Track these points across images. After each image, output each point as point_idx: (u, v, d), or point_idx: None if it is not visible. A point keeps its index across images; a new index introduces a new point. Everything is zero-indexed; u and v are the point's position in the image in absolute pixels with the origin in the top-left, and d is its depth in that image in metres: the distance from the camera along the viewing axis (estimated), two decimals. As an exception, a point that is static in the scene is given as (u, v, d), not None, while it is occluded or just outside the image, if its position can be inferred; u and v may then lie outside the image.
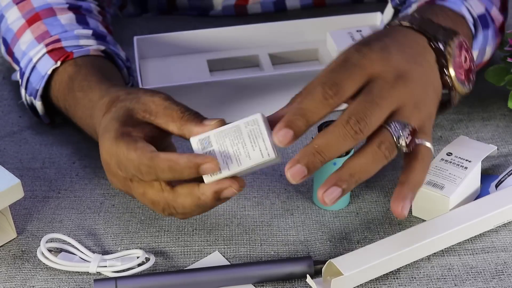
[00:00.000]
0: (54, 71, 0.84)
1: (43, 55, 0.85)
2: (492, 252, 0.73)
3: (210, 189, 0.67)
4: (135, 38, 0.94)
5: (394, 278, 0.71)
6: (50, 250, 0.73)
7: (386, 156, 0.66)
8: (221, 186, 0.67)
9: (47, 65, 0.84)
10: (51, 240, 0.74)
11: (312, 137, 0.80)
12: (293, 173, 0.64)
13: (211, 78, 0.91)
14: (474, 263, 0.72)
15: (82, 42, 0.86)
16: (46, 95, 0.86)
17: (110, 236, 0.76)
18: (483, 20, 0.81)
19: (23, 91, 0.87)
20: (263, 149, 0.66)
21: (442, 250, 0.73)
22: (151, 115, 0.70)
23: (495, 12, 0.83)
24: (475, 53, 0.82)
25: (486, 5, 0.82)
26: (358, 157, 0.65)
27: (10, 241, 0.75)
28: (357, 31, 0.95)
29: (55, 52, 0.85)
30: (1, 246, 0.75)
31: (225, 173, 0.67)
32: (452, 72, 0.72)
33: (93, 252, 0.74)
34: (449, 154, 0.78)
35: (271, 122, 0.67)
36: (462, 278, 0.71)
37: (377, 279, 0.70)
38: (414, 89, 0.68)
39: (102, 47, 0.86)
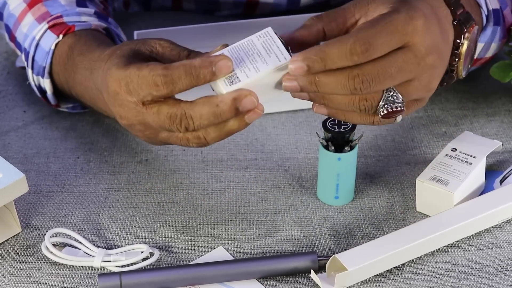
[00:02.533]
0: (56, 45, 0.84)
1: (45, 31, 0.85)
2: (497, 248, 0.73)
3: (229, 96, 0.65)
4: (135, 32, 0.94)
5: (398, 274, 0.71)
6: (54, 245, 0.73)
7: (358, 107, 0.67)
8: (240, 93, 0.65)
9: (50, 40, 0.84)
10: (56, 235, 0.74)
11: (316, 133, 0.80)
12: (287, 85, 0.66)
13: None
14: (479, 258, 0.72)
15: (84, 18, 0.85)
16: (52, 74, 0.86)
17: (115, 230, 0.76)
18: (496, 16, 0.81)
19: (29, 71, 0.87)
20: (278, 54, 0.66)
21: (446, 246, 0.73)
22: (157, 55, 0.69)
23: (508, 12, 0.83)
24: (480, 46, 0.82)
25: (501, 3, 0.82)
26: (337, 80, 0.65)
27: (14, 235, 0.75)
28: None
29: (57, 27, 0.84)
30: (6, 240, 0.75)
31: (244, 80, 0.65)
32: (462, 57, 0.72)
33: (98, 246, 0.74)
34: (453, 149, 0.78)
35: (286, 41, 0.67)
36: (466, 274, 0.71)
37: (381, 274, 0.70)
38: (435, 70, 0.68)
39: (104, 25, 0.86)
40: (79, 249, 0.73)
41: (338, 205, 0.78)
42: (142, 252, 0.72)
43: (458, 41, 0.72)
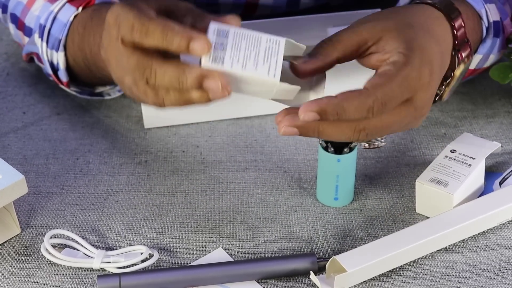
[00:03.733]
0: (74, 18, 0.84)
1: (64, 4, 0.84)
2: (496, 249, 0.73)
3: (198, 71, 0.64)
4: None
5: (398, 275, 0.71)
6: (54, 246, 0.73)
7: (346, 140, 0.68)
8: (210, 74, 0.64)
9: (69, 13, 0.84)
10: (55, 236, 0.74)
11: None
12: (286, 131, 0.65)
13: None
14: (478, 260, 0.72)
15: None
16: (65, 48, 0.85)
17: (114, 232, 0.76)
18: (496, 28, 0.82)
19: (44, 46, 0.86)
20: (271, 68, 0.65)
21: (446, 247, 0.73)
22: (172, 7, 0.69)
23: (508, 22, 0.83)
24: (478, 58, 0.82)
25: (501, 14, 0.82)
26: (342, 131, 0.66)
27: (14, 236, 0.75)
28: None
29: (76, 1, 0.84)
30: (5, 242, 0.75)
31: (226, 67, 0.64)
32: (451, 85, 0.74)
33: (97, 248, 0.74)
34: (453, 151, 0.78)
35: (300, 70, 0.67)
36: (466, 275, 0.71)
37: (380, 276, 0.70)
38: (425, 115, 0.70)
39: None
40: (78, 250, 0.73)
41: (337, 206, 0.78)
42: (141, 254, 0.72)
43: (451, 70, 0.73)
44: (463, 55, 0.74)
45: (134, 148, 0.86)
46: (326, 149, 0.75)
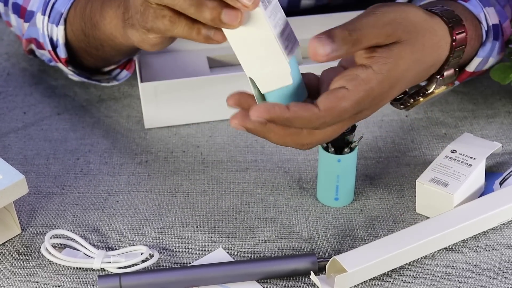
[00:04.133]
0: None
1: None
2: (496, 249, 0.73)
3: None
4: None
5: (398, 275, 0.71)
6: (54, 246, 0.73)
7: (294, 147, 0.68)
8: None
9: None
10: (55, 236, 0.75)
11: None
12: (236, 127, 0.65)
13: (211, 74, 0.91)
14: (478, 260, 0.72)
15: None
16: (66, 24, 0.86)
17: (114, 232, 0.76)
18: (495, 31, 0.82)
19: (45, 20, 0.86)
20: (288, 48, 0.65)
21: (446, 248, 0.73)
22: None
23: (507, 25, 0.84)
24: (477, 61, 0.82)
25: (500, 17, 0.82)
26: (278, 134, 0.66)
27: (14, 237, 0.75)
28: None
29: None
30: (6, 242, 0.75)
31: (267, 14, 0.63)
32: (444, 77, 0.74)
33: (97, 248, 0.74)
34: (453, 151, 0.78)
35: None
36: (466, 276, 0.71)
37: (381, 276, 0.70)
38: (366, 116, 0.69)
39: None
40: (78, 250, 0.73)
41: (338, 206, 0.78)
42: (141, 254, 0.72)
43: (427, 89, 0.74)
44: (441, 73, 0.73)
45: (135, 148, 0.86)
46: (326, 149, 0.75)
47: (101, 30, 0.81)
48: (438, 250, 0.73)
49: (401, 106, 0.75)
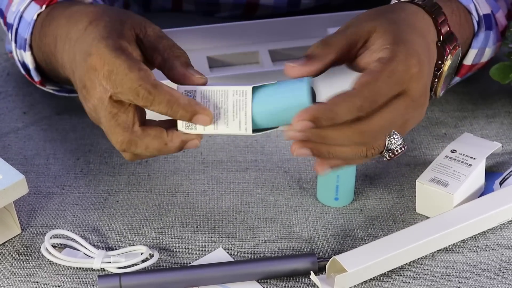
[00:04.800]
0: (38, 16, 0.83)
1: (29, 2, 0.84)
2: (496, 249, 0.73)
3: (179, 137, 0.68)
4: (136, 34, 0.94)
5: (398, 275, 0.71)
6: (54, 246, 0.73)
7: (365, 158, 0.68)
8: (188, 137, 0.68)
9: (33, 11, 0.83)
10: (55, 236, 0.74)
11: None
12: (299, 153, 0.66)
13: (211, 74, 0.91)
14: (478, 260, 0.72)
15: None
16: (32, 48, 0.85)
17: (114, 232, 0.76)
18: (488, 20, 0.82)
19: (13, 46, 0.86)
20: (242, 122, 0.67)
21: (446, 247, 0.73)
22: (143, 38, 0.71)
23: (500, 16, 0.84)
24: (473, 52, 0.82)
25: (492, 7, 0.82)
26: (342, 145, 0.66)
27: (14, 237, 0.75)
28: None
29: None
30: (6, 242, 0.75)
31: (199, 131, 0.68)
32: (442, 78, 0.74)
33: (97, 248, 0.74)
34: (453, 151, 0.78)
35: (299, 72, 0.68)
36: (466, 275, 0.71)
37: (381, 276, 0.70)
38: (425, 104, 0.70)
39: (90, 0, 0.84)
40: (78, 250, 0.73)
41: (338, 206, 0.78)
42: (141, 254, 0.72)
43: (440, 62, 0.73)
44: (450, 47, 0.74)
45: (135, 148, 0.86)
46: (326, 149, 0.75)
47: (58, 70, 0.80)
48: (438, 250, 0.73)
49: (432, 94, 0.75)
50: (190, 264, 0.72)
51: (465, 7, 0.80)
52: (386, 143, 0.69)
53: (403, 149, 0.69)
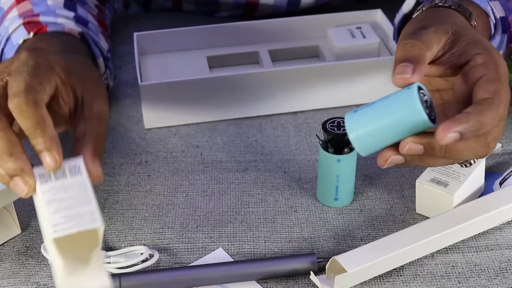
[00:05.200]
0: (24, 42, 0.84)
1: (19, 26, 0.85)
2: (496, 249, 0.73)
3: (17, 166, 0.65)
4: (135, 34, 0.94)
5: (398, 275, 0.71)
6: (54, 246, 0.73)
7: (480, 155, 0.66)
8: (25, 173, 0.65)
9: (20, 36, 0.84)
10: (55, 236, 0.74)
11: (316, 134, 0.80)
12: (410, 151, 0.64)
13: (210, 75, 0.91)
14: (478, 260, 0.72)
15: (60, 20, 0.85)
16: None
17: (114, 232, 0.76)
18: (503, 24, 0.82)
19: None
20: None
21: (446, 248, 0.73)
22: (86, 101, 0.70)
23: None
24: None
25: (505, 10, 0.83)
26: (470, 147, 0.65)
27: (14, 237, 0.75)
28: (357, 28, 0.95)
29: (31, 24, 0.84)
30: (5, 242, 0.75)
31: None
32: None
33: (97, 248, 0.74)
34: (453, 151, 0.78)
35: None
36: (466, 276, 0.71)
37: (380, 276, 0.70)
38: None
39: (80, 30, 0.86)
40: (78, 250, 0.73)
41: (337, 206, 0.78)
42: (141, 254, 0.72)
43: None
44: None
45: (134, 148, 0.86)
46: (326, 149, 0.75)
47: None
48: (438, 250, 0.73)
49: None
50: (190, 264, 0.72)
51: (483, 9, 0.80)
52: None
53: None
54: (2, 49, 0.86)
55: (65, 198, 0.61)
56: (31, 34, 0.83)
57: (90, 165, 0.66)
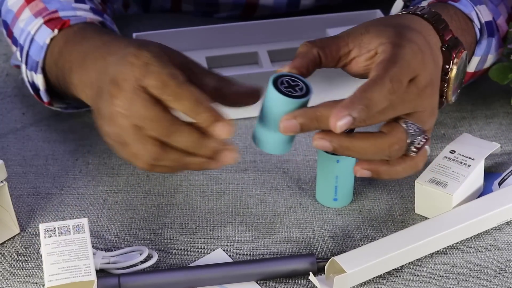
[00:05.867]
0: (51, 40, 0.84)
1: (40, 25, 0.85)
2: (495, 250, 0.73)
3: (216, 142, 0.66)
4: (134, 34, 0.94)
5: (397, 276, 0.71)
6: (53, 247, 0.73)
7: (391, 155, 0.68)
8: (227, 147, 0.66)
9: (45, 35, 0.84)
10: (54, 237, 0.74)
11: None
12: (318, 144, 0.67)
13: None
14: (477, 261, 0.72)
15: (79, 13, 0.85)
16: (45, 70, 0.85)
17: (113, 233, 0.76)
18: (489, 27, 0.82)
19: (23, 67, 0.86)
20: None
21: (445, 248, 0.73)
22: (191, 64, 0.70)
23: (501, 21, 0.84)
24: (476, 59, 0.82)
25: (493, 14, 0.83)
26: (364, 141, 0.66)
27: (13, 237, 0.75)
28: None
29: (52, 22, 0.84)
30: (4, 242, 0.75)
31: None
32: (451, 82, 0.74)
33: (96, 248, 0.74)
34: (452, 151, 0.78)
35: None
36: (465, 276, 0.71)
37: (379, 276, 0.70)
38: (435, 96, 0.70)
39: (99, 19, 0.86)
40: (77, 251, 0.73)
41: (336, 207, 0.78)
42: (140, 254, 0.72)
43: (447, 66, 0.73)
44: (456, 51, 0.74)
45: (134, 149, 0.86)
46: (325, 149, 0.75)
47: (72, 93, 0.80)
48: (437, 251, 0.73)
49: (443, 99, 0.75)
50: (189, 265, 0.72)
51: (466, 15, 0.80)
52: (407, 135, 0.67)
53: (426, 138, 0.68)
54: (27, 52, 0.86)
55: (64, 252, 0.67)
56: (56, 31, 0.83)
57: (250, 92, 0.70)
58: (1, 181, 0.73)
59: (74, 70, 0.77)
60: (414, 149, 0.68)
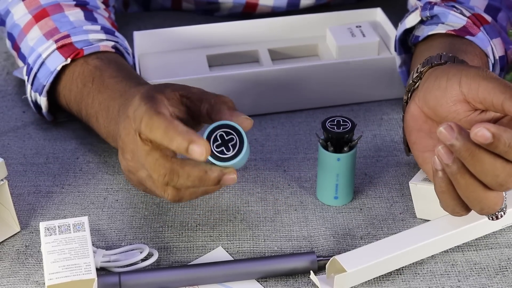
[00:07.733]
0: (63, 68, 0.84)
1: (53, 51, 0.85)
2: (496, 248, 0.73)
3: (219, 170, 0.68)
4: (135, 33, 0.94)
5: (398, 274, 0.71)
6: (53, 245, 0.73)
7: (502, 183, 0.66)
8: (227, 170, 0.68)
9: (57, 62, 0.84)
10: (55, 235, 0.74)
11: (316, 133, 0.80)
12: (444, 134, 0.63)
13: (210, 73, 0.91)
14: (478, 259, 0.72)
15: (92, 36, 0.85)
16: (51, 92, 0.86)
17: (114, 231, 0.76)
18: (502, 63, 0.84)
19: (28, 87, 0.87)
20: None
21: (446, 246, 0.73)
22: (187, 93, 0.71)
23: (511, 52, 0.85)
24: None
25: (505, 45, 0.84)
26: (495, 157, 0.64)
27: (14, 235, 0.75)
28: (357, 26, 0.95)
29: (65, 48, 0.84)
30: (5, 240, 0.75)
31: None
32: None
33: (97, 247, 0.74)
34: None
35: None
36: (466, 274, 0.71)
37: (380, 274, 0.70)
38: None
39: (112, 43, 0.86)
40: (78, 249, 0.73)
41: (337, 205, 0.78)
42: (141, 253, 0.72)
43: None
44: None
45: (134, 147, 0.86)
46: (326, 148, 0.75)
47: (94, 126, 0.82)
48: (438, 249, 0.73)
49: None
50: (190, 263, 0.72)
51: (484, 51, 0.81)
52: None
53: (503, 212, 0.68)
54: (35, 73, 0.86)
55: (65, 250, 0.67)
56: (69, 60, 0.84)
57: (240, 118, 0.69)
58: (2, 179, 0.73)
59: (101, 121, 0.80)
60: (501, 215, 0.69)
